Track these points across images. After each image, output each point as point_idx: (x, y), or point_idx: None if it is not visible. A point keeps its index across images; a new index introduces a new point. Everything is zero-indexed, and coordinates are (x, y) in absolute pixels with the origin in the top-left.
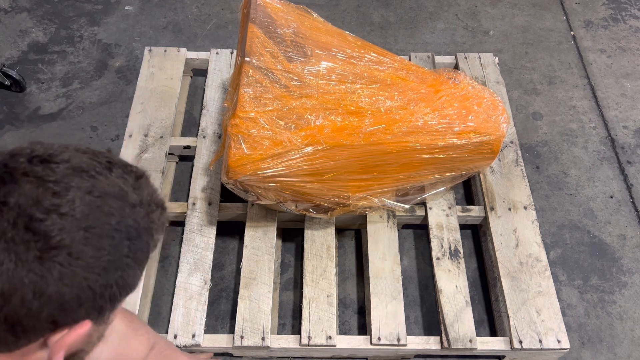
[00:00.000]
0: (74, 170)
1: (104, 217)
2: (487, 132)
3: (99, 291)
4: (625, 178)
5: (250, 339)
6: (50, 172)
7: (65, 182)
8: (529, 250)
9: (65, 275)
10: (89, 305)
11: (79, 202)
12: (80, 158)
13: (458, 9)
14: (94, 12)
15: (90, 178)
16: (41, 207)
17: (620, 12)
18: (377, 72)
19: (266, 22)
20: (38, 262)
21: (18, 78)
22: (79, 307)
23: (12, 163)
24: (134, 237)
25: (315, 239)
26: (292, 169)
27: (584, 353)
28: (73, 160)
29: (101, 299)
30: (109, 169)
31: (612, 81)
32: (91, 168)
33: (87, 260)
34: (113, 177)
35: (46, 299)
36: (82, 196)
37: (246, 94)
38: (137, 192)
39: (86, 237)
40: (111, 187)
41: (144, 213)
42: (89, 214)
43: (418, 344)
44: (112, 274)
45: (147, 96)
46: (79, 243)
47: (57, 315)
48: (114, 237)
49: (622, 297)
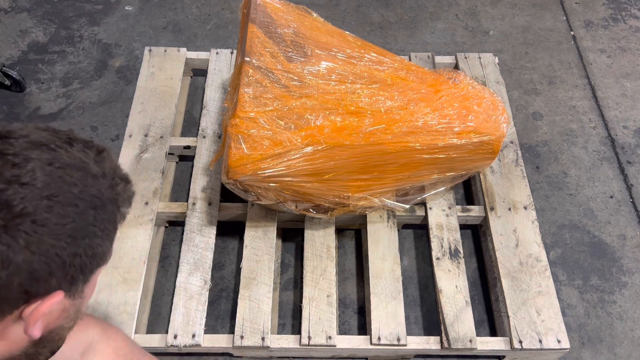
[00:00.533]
0: (32, 144)
1: (66, 186)
2: (487, 132)
3: (68, 260)
4: (625, 178)
5: (250, 339)
6: (9, 146)
7: (24, 154)
8: (529, 250)
9: (32, 243)
10: (59, 275)
11: (40, 172)
12: (39, 134)
13: (458, 9)
14: (94, 12)
15: (50, 151)
16: (2, 177)
17: (620, 12)
18: (377, 72)
19: (266, 22)
20: (2, 230)
21: (18, 78)
22: (49, 275)
23: None
24: (99, 206)
25: (315, 239)
26: (292, 169)
27: (584, 353)
28: (32, 135)
29: (71, 267)
30: (69, 143)
31: (612, 81)
32: (51, 142)
33: (52, 227)
34: (73, 151)
35: (15, 268)
36: (43, 167)
37: (246, 94)
38: (99, 164)
39: (49, 205)
40: (72, 159)
41: (108, 185)
42: (50, 183)
43: (418, 344)
44: (79, 242)
45: (147, 96)
46: (42, 211)
47: (28, 285)
48: (77, 205)
49: (622, 297)
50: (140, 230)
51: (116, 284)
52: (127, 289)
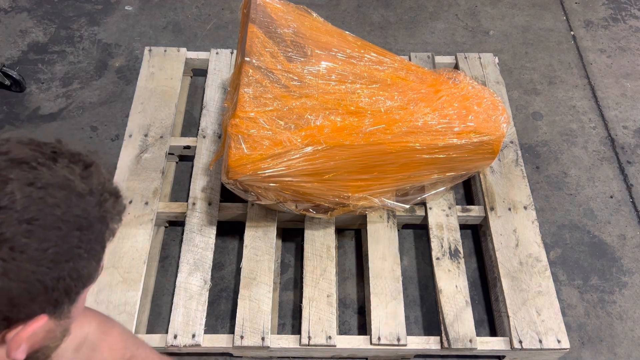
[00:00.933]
0: (12, 162)
1: (48, 208)
2: (487, 132)
3: (51, 284)
4: (625, 178)
5: (250, 339)
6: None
7: (3, 174)
8: (529, 250)
9: (10, 270)
10: (41, 300)
11: (19, 194)
12: (21, 149)
13: (458, 9)
14: (94, 12)
15: (31, 170)
16: None
17: (620, 12)
18: (377, 72)
19: (266, 22)
20: None
21: (18, 78)
22: (30, 302)
23: None
24: (85, 227)
25: (315, 239)
26: (292, 169)
27: (584, 353)
28: (13, 152)
29: (54, 292)
30: (52, 159)
31: (612, 81)
32: (32, 159)
33: (31, 253)
34: (57, 168)
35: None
36: (22, 188)
37: (246, 94)
38: (85, 181)
39: (29, 229)
40: (55, 178)
41: (95, 202)
42: (30, 206)
43: (418, 344)
44: (62, 266)
45: (147, 96)
46: (21, 236)
47: (8, 311)
48: (60, 228)
49: (622, 297)
50: (140, 230)
51: (116, 284)
52: (127, 289)
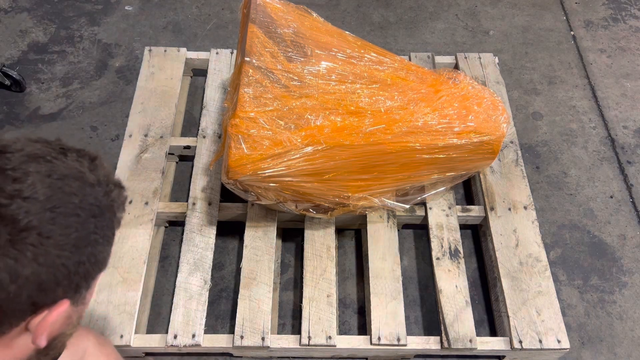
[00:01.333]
0: (29, 157)
1: (67, 196)
2: (487, 132)
3: (73, 269)
4: (625, 178)
5: (250, 339)
6: (6, 160)
7: (23, 168)
8: (529, 250)
9: (39, 255)
10: (65, 284)
11: (40, 185)
12: (34, 146)
13: (458, 9)
14: (94, 12)
15: (47, 163)
16: (4, 193)
17: (620, 12)
18: (377, 72)
19: (266, 22)
20: (10, 245)
21: (18, 78)
22: (56, 286)
23: None
24: (98, 214)
25: (315, 239)
26: (292, 169)
27: (584, 353)
28: (27, 148)
29: (76, 276)
30: (63, 153)
31: (612, 81)
32: (46, 154)
33: (57, 238)
34: (69, 161)
35: (23, 281)
36: (42, 179)
37: (246, 94)
38: (93, 172)
39: (52, 217)
40: (69, 169)
41: (103, 192)
42: (51, 195)
43: (418, 344)
44: (83, 251)
45: (147, 96)
46: (47, 223)
47: (36, 296)
48: (79, 215)
49: (622, 297)
50: (140, 230)
51: (116, 284)
52: (127, 289)
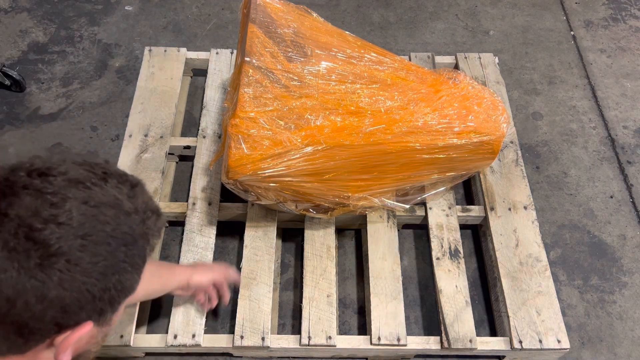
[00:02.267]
0: (70, 182)
1: (100, 225)
2: (487, 132)
3: (98, 295)
4: (625, 178)
5: (250, 339)
6: (48, 184)
7: (62, 193)
8: (529, 250)
9: (65, 281)
10: (89, 308)
11: (76, 211)
12: (77, 170)
13: (458, 9)
14: (94, 12)
15: (86, 189)
16: (40, 217)
17: (620, 12)
18: (377, 72)
19: (266, 22)
20: (39, 269)
21: (18, 78)
22: (79, 309)
23: (13, 177)
24: (130, 243)
25: (315, 239)
26: (292, 169)
27: (584, 353)
28: (70, 172)
29: (100, 301)
30: (104, 179)
31: (612, 81)
32: (87, 179)
33: (84, 266)
34: (108, 187)
35: (48, 303)
36: (78, 206)
37: (246, 94)
38: (131, 200)
39: (83, 244)
40: (106, 197)
41: (139, 220)
42: (85, 223)
43: (418, 344)
44: (109, 278)
45: (147, 96)
46: (77, 250)
47: (60, 317)
48: (110, 244)
49: (622, 297)
50: None
51: None
52: None
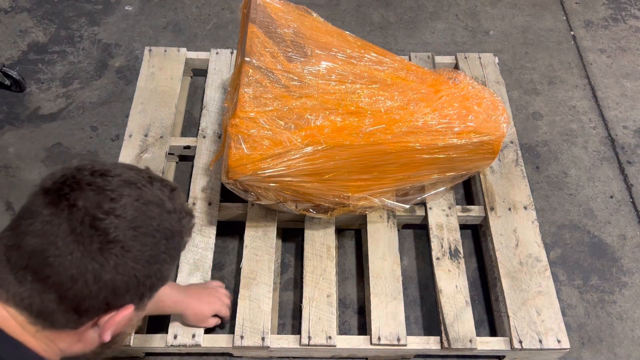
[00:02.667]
0: (125, 182)
1: (148, 219)
2: (487, 132)
3: (142, 280)
4: (625, 178)
5: (250, 339)
6: (107, 183)
7: (119, 191)
8: (529, 250)
9: (119, 265)
10: (133, 292)
11: (130, 207)
12: (129, 173)
13: (458, 9)
14: (94, 12)
15: (137, 189)
16: (102, 209)
17: (620, 12)
18: (377, 72)
19: (266, 22)
20: (99, 252)
21: (18, 78)
22: (126, 292)
23: (79, 175)
24: (169, 237)
25: (315, 239)
26: (292, 169)
27: (584, 353)
28: (124, 174)
29: (143, 287)
30: (150, 182)
31: (612, 81)
32: (138, 181)
33: (135, 253)
34: (154, 189)
35: (103, 284)
36: (132, 202)
37: (246, 94)
38: (172, 201)
39: (134, 235)
40: (153, 197)
41: (177, 218)
42: (137, 217)
43: (418, 344)
44: (152, 266)
45: (147, 96)
46: (130, 239)
47: (110, 298)
48: (155, 236)
49: (622, 297)
50: None
51: None
52: None
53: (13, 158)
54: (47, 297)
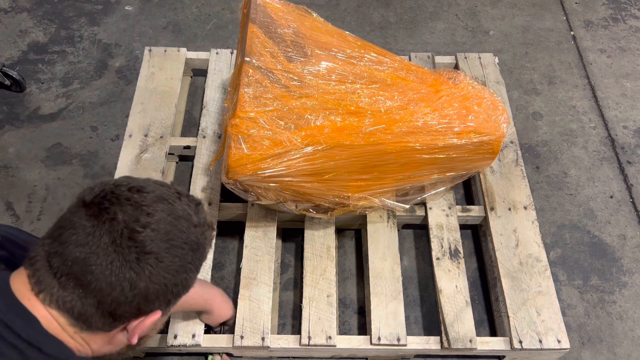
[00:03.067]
0: (158, 198)
1: (178, 233)
2: (487, 132)
3: (171, 288)
4: (625, 178)
5: (250, 339)
6: (143, 198)
7: (153, 206)
8: (529, 250)
9: (153, 274)
10: (162, 299)
11: (163, 221)
12: (161, 190)
13: (458, 9)
14: (94, 12)
15: (169, 205)
16: (139, 222)
17: (620, 12)
18: (377, 72)
19: (266, 22)
20: (136, 262)
21: (18, 78)
22: (156, 299)
23: (117, 191)
24: (195, 249)
25: (315, 239)
26: (292, 169)
27: (584, 353)
28: (157, 191)
29: (171, 294)
30: (179, 198)
31: (612, 81)
32: (169, 197)
33: (167, 263)
34: (182, 205)
35: (138, 291)
36: (165, 217)
37: (246, 94)
38: (197, 215)
39: (167, 247)
40: (182, 212)
41: (201, 231)
42: (169, 230)
43: (418, 344)
44: (180, 276)
45: (147, 96)
46: (163, 251)
47: (142, 304)
48: (184, 248)
49: (622, 297)
50: None
51: None
52: None
53: (13, 158)
54: (87, 301)
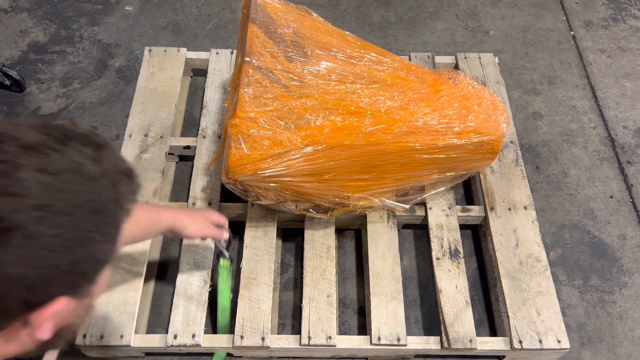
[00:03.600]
0: (23, 147)
1: (59, 194)
2: (487, 132)
3: (67, 268)
4: (625, 178)
5: (250, 339)
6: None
7: (14, 161)
8: (529, 250)
9: (24, 257)
10: (59, 284)
11: (31, 180)
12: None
13: (458, 9)
14: (94, 12)
15: (41, 155)
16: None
17: (620, 12)
18: (377, 72)
19: (266, 22)
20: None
21: (18, 78)
22: (47, 286)
23: None
24: (98, 210)
25: (315, 239)
26: (292, 169)
27: (584, 353)
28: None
29: (71, 275)
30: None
31: (612, 81)
32: (42, 144)
33: (45, 239)
34: (68, 151)
35: (9, 281)
36: (33, 174)
37: (246, 94)
38: (97, 164)
39: (41, 216)
40: (66, 162)
41: (108, 184)
42: (41, 192)
43: (418, 344)
44: (77, 251)
45: (147, 96)
46: (34, 223)
47: (26, 295)
48: (73, 214)
49: (622, 297)
50: None
51: (116, 284)
52: (127, 289)
53: None
54: None
